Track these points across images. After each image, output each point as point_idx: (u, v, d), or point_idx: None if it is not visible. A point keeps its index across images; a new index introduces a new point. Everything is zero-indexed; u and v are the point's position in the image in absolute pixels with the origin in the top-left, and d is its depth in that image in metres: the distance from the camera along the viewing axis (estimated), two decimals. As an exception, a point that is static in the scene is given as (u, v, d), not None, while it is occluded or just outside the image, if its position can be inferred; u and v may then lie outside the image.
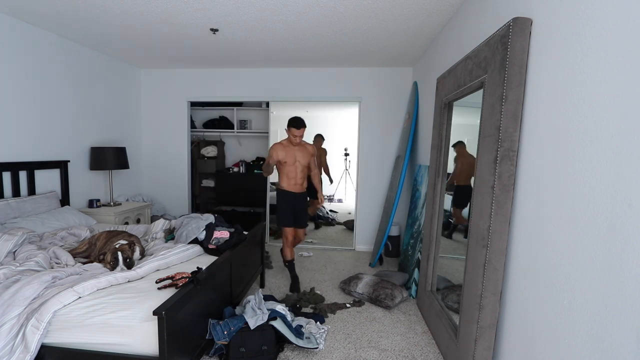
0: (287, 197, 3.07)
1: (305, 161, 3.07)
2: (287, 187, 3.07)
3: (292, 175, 3.05)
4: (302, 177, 3.09)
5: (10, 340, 1.55)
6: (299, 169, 3.05)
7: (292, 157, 3.01)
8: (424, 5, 2.40)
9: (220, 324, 1.95)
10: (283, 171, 3.06)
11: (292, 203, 3.07)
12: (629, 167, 0.93)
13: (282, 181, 3.09)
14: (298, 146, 3.03)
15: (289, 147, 3.02)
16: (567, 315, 1.17)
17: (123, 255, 2.03)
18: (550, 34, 1.32)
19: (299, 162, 3.04)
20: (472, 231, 1.73)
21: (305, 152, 3.08)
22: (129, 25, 2.89)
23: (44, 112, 3.06)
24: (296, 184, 3.06)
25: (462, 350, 1.75)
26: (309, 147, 3.13)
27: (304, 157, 3.06)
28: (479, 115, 1.74)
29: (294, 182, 3.06)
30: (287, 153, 2.99)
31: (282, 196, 3.08)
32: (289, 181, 3.06)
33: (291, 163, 3.02)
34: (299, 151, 3.03)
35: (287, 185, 3.07)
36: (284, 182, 3.07)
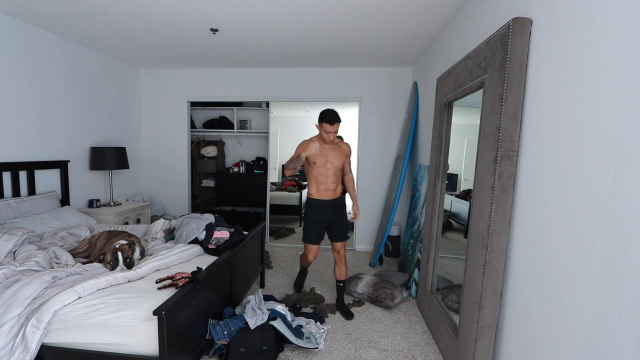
0: (315, 207, 2.58)
1: (339, 162, 2.57)
2: (317, 194, 2.57)
3: (322, 179, 2.55)
4: (334, 181, 2.58)
5: (10, 340, 1.55)
6: (331, 172, 2.56)
7: (323, 158, 2.53)
8: (424, 5, 2.40)
9: (220, 324, 1.95)
10: (312, 174, 2.57)
11: (322, 213, 2.57)
12: (629, 167, 0.93)
13: (311, 187, 2.60)
14: (330, 145, 2.55)
15: (321, 144, 2.54)
16: (567, 315, 1.17)
17: (123, 255, 2.03)
18: (550, 34, 1.32)
19: (331, 163, 2.55)
20: (472, 231, 1.73)
21: (339, 152, 2.58)
22: (129, 25, 2.89)
23: (44, 112, 3.06)
24: (327, 189, 2.57)
25: (462, 350, 1.75)
26: (343, 147, 2.63)
27: (337, 158, 2.56)
28: (479, 115, 1.74)
29: (325, 187, 2.56)
30: (318, 152, 2.53)
31: (310, 206, 2.60)
32: (318, 187, 2.56)
33: (322, 164, 2.53)
34: (332, 150, 2.54)
35: (317, 192, 2.57)
36: (313, 189, 2.58)
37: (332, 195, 2.59)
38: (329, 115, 2.40)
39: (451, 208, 2.61)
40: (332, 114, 2.41)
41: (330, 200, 2.58)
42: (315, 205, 2.59)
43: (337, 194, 2.61)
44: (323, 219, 2.58)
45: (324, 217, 2.58)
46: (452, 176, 2.56)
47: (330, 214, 2.58)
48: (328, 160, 2.54)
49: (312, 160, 2.51)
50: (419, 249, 2.91)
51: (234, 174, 5.25)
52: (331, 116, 2.40)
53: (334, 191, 2.60)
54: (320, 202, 2.58)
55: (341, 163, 2.58)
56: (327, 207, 2.57)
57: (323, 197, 2.57)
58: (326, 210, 2.57)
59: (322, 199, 2.57)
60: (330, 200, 2.58)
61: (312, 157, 2.52)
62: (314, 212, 2.59)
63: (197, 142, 5.24)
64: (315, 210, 2.59)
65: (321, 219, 2.58)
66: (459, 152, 2.48)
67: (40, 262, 2.00)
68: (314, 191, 2.58)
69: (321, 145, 2.54)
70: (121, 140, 4.10)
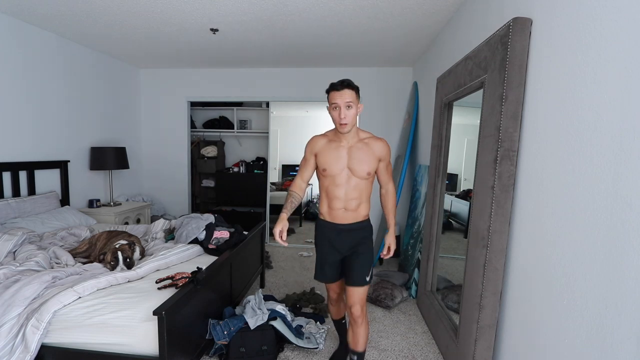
0: (325, 233, 1.78)
1: (366, 169, 1.68)
2: (328, 214, 1.76)
3: (337, 194, 1.70)
4: (356, 197, 1.71)
5: (10, 340, 1.55)
6: (352, 184, 1.69)
7: (337, 161, 1.69)
8: (424, 5, 2.40)
9: (220, 324, 1.95)
10: (323, 186, 1.77)
11: (336, 243, 1.76)
12: (629, 167, 0.93)
13: (322, 204, 1.80)
14: (351, 140, 1.69)
15: (335, 141, 1.71)
16: (567, 315, 1.17)
17: (123, 255, 2.03)
18: (551, 34, 1.32)
19: (352, 170, 1.67)
20: (472, 231, 1.73)
21: (367, 153, 1.69)
22: (129, 25, 2.89)
23: (44, 112, 3.06)
24: (345, 209, 1.71)
25: (462, 350, 1.75)
26: (374, 145, 1.70)
27: (362, 162, 1.68)
28: (479, 115, 1.74)
29: (341, 205, 1.71)
30: (330, 152, 1.70)
31: (318, 231, 1.83)
32: (330, 204, 1.73)
33: (336, 171, 1.69)
34: (355, 150, 1.68)
35: (328, 212, 1.76)
36: (324, 206, 1.78)
37: (352, 217, 1.73)
38: (336, 83, 1.62)
39: (451, 208, 2.61)
40: (341, 80, 1.62)
41: (347, 225, 1.73)
42: (324, 230, 1.78)
43: (359, 216, 1.74)
44: (336, 251, 1.77)
45: (338, 248, 1.76)
46: (452, 176, 2.57)
47: (347, 244, 1.75)
48: (347, 165, 1.68)
49: (320, 165, 1.72)
50: (419, 249, 2.91)
51: (234, 174, 5.25)
52: (339, 82, 1.61)
53: (355, 212, 1.72)
54: (332, 226, 1.75)
55: (369, 169, 1.68)
56: (342, 234, 1.74)
57: (337, 221, 1.73)
58: (342, 239, 1.74)
59: (336, 223, 1.74)
60: (347, 225, 1.73)
61: (320, 160, 1.72)
62: (322, 241, 1.79)
63: (197, 142, 5.25)
64: (324, 239, 1.78)
65: (334, 252, 1.77)
66: (459, 152, 2.48)
67: (40, 262, 2.00)
68: (324, 209, 1.77)
69: (334, 142, 1.71)
70: (121, 140, 4.10)
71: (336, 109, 1.61)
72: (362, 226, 1.77)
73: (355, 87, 1.63)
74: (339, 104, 1.59)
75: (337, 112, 1.61)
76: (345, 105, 1.59)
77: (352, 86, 1.62)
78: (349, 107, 1.60)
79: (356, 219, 1.75)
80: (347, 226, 1.74)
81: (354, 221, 1.75)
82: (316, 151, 1.75)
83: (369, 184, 1.74)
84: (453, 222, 2.60)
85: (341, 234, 1.75)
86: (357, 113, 1.64)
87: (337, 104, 1.60)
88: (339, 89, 1.60)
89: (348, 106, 1.59)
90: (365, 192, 1.74)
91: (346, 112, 1.59)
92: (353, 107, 1.61)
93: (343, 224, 1.74)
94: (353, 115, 1.62)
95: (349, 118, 1.61)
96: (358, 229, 1.76)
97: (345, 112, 1.59)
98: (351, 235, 1.75)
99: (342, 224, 1.74)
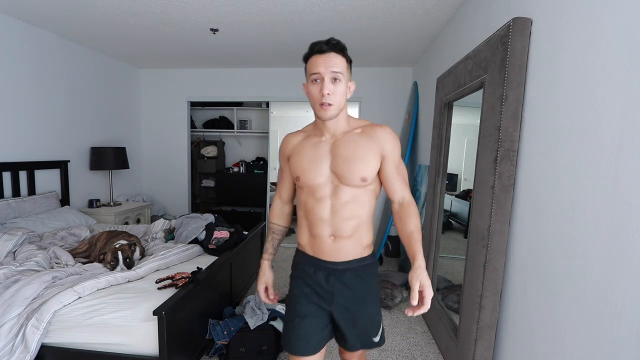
0: (307, 276, 1.19)
1: (359, 171, 1.09)
2: (310, 247, 1.19)
3: (319, 214, 1.13)
4: (350, 216, 1.12)
5: (10, 340, 1.55)
6: (342, 197, 1.11)
7: (316, 163, 1.13)
8: (424, 5, 2.40)
9: (220, 324, 1.95)
10: (300, 202, 1.21)
11: (319, 291, 1.17)
12: (629, 167, 0.93)
13: (300, 230, 1.22)
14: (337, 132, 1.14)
15: (313, 137, 1.18)
16: (567, 315, 1.17)
17: (123, 255, 2.03)
18: (551, 34, 1.32)
19: (341, 174, 1.11)
20: (472, 231, 1.73)
21: (362, 145, 1.11)
22: (129, 25, 2.89)
23: (44, 112, 3.06)
24: (334, 237, 1.13)
25: (462, 350, 1.75)
26: (374, 134, 1.13)
27: (354, 161, 1.09)
28: (479, 115, 1.74)
29: (328, 231, 1.13)
30: (304, 151, 1.17)
31: (298, 270, 1.24)
32: (311, 230, 1.16)
33: (315, 179, 1.13)
34: (344, 145, 1.12)
35: (310, 242, 1.19)
36: (303, 234, 1.20)
37: (348, 250, 1.13)
38: (319, 44, 1.10)
39: (451, 208, 2.61)
40: (327, 39, 1.11)
41: (340, 263, 1.14)
42: (304, 269, 1.19)
43: (358, 248, 1.15)
44: (322, 308, 1.17)
45: (326, 300, 1.16)
46: (452, 176, 2.56)
47: (342, 297, 1.15)
48: (330, 168, 1.11)
49: (293, 171, 1.18)
50: (419, 249, 2.90)
51: (234, 174, 5.25)
52: (324, 41, 1.10)
53: (351, 240, 1.13)
54: (316, 263, 1.16)
55: (366, 172, 1.09)
56: (332, 278, 1.14)
57: (324, 256, 1.14)
58: (332, 287, 1.14)
59: (320, 258, 1.15)
60: (340, 264, 1.14)
61: (293, 164, 1.18)
62: (300, 287, 1.20)
63: (197, 142, 5.25)
64: (303, 284, 1.19)
65: (318, 309, 1.17)
66: (459, 152, 2.48)
67: (40, 262, 2.00)
68: (304, 238, 1.19)
69: (312, 137, 1.17)
70: (121, 140, 4.10)
71: (317, 82, 1.06)
72: (365, 265, 1.15)
73: (346, 51, 1.09)
74: (321, 73, 1.04)
75: (318, 87, 1.05)
76: (331, 77, 1.04)
77: (343, 49, 1.08)
78: (336, 81, 1.05)
79: (355, 253, 1.13)
80: (341, 265, 1.13)
81: (352, 257, 1.13)
82: (289, 153, 1.20)
83: (369, 194, 1.13)
84: (453, 222, 2.60)
85: (331, 277, 1.13)
86: (348, 94, 1.10)
87: (319, 74, 1.05)
88: (324, 50, 1.06)
89: (335, 78, 1.05)
90: (365, 209, 1.12)
91: (331, 87, 1.04)
92: (342, 82, 1.06)
93: (333, 262, 1.13)
94: (341, 94, 1.06)
95: (336, 97, 1.05)
96: (358, 269, 1.14)
97: (331, 86, 1.04)
98: (347, 281, 1.13)
99: (332, 262, 1.13)
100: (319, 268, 1.16)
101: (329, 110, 1.07)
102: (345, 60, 1.10)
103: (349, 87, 1.12)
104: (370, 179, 1.12)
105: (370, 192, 1.15)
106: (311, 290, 1.18)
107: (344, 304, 1.16)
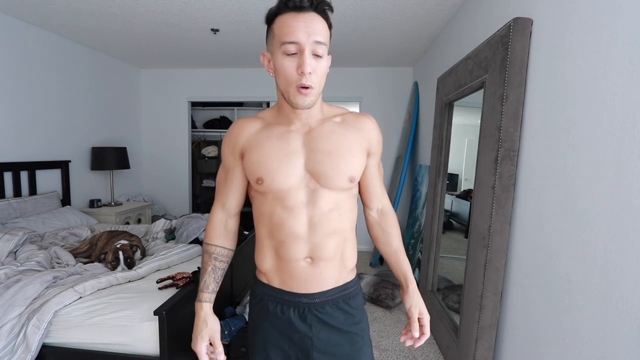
0: (272, 318, 0.88)
1: (344, 168, 0.83)
2: (277, 275, 0.88)
3: (291, 229, 0.82)
4: (332, 230, 0.84)
5: (11, 340, 1.55)
6: (322, 205, 0.82)
7: (286, 160, 0.82)
8: (424, 5, 2.40)
9: (220, 323, 1.94)
10: (260, 215, 0.90)
11: (292, 338, 0.87)
12: (629, 167, 0.93)
13: (260, 253, 0.91)
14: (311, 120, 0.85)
15: (277, 125, 0.87)
16: (567, 315, 1.17)
17: (124, 255, 2.03)
18: (551, 34, 1.32)
19: (320, 174, 0.82)
20: (472, 231, 1.73)
21: (345, 136, 0.86)
22: (129, 26, 2.90)
23: (45, 112, 3.07)
24: (312, 260, 0.84)
25: (462, 350, 1.75)
26: (357, 124, 0.89)
27: (337, 157, 0.83)
28: (480, 115, 1.74)
29: (303, 253, 0.83)
30: (268, 144, 0.84)
31: (258, 311, 0.92)
32: (279, 251, 0.85)
33: (285, 181, 0.82)
34: (321, 136, 0.84)
35: (276, 268, 0.87)
36: (265, 258, 0.89)
37: (328, 276, 0.86)
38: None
39: (452, 208, 2.61)
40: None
41: (317, 295, 0.86)
42: (267, 309, 0.90)
43: (342, 272, 0.89)
44: (295, 351, 0.88)
45: (298, 343, 0.87)
46: (453, 176, 2.56)
47: (319, 337, 0.86)
48: (304, 166, 0.83)
49: (252, 172, 0.86)
50: (420, 249, 2.91)
51: (234, 174, 5.25)
52: None
53: (331, 262, 0.86)
54: (282, 298, 0.88)
55: (353, 170, 0.85)
56: (307, 314, 0.86)
57: (293, 287, 0.86)
58: (306, 325, 0.86)
59: (290, 291, 0.87)
60: (318, 296, 0.86)
61: (251, 161, 0.86)
62: (263, 326, 0.91)
63: (198, 142, 5.25)
64: (265, 321, 0.90)
65: (287, 351, 0.88)
66: (460, 152, 2.48)
67: (41, 262, 2.01)
68: (266, 264, 0.90)
69: (276, 126, 0.87)
70: (122, 141, 4.11)
71: (289, 55, 0.76)
72: (349, 294, 0.90)
73: (332, 12, 0.79)
74: (301, 43, 0.74)
75: (295, 62, 0.75)
76: (311, 49, 0.75)
77: (326, 11, 0.78)
78: (318, 57, 0.77)
79: (335, 280, 0.87)
80: (318, 297, 0.86)
81: (333, 285, 0.87)
82: (243, 146, 0.88)
83: (352, 200, 0.89)
84: (454, 222, 2.60)
85: (307, 315, 0.86)
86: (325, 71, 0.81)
87: (297, 43, 0.74)
88: (304, 6, 0.74)
89: (315, 54, 0.76)
90: (349, 219, 0.88)
91: (314, 64, 0.76)
92: (324, 58, 0.78)
93: (308, 294, 0.86)
94: (323, 74, 0.80)
95: (318, 77, 0.78)
96: (339, 299, 0.88)
97: (313, 62, 0.75)
98: (328, 319, 0.86)
99: (307, 294, 0.86)
100: (289, 305, 0.86)
101: (309, 95, 0.77)
102: (328, 26, 0.79)
103: None
104: (358, 179, 0.89)
105: (353, 196, 0.90)
106: (279, 335, 0.87)
107: (327, 350, 0.85)
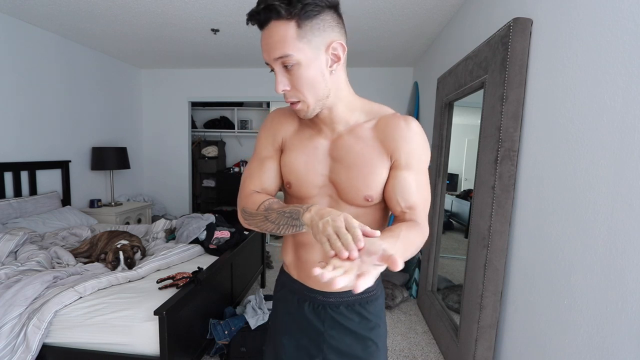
0: (290, 306, 0.91)
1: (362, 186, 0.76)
2: (293, 267, 0.90)
3: (308, 235, 0.81)
4: None
5: (11, 340, 1.55)
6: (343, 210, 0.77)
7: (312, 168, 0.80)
8: (424, 5, 2.40)
9: (221, 323, 1.95)
10: None
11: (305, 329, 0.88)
12: (629, 167, 0.93)
13: (285, 246, 0.91)
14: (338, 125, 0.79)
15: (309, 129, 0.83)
16: (567, 315, 1.17)
17: (124, 255, 2.03)
18: (551, 34, 1.32)
19: (341, 187, 0.78)
20: (472, 231, 1.73)
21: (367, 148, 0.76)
22: (130, 26, 2.90)
23: (45, 113, 3.07)
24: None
25: (462, 350, 1.75)
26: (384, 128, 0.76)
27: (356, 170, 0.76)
28: (480, 115, 1.74)
29: (319, 257, 0.82)
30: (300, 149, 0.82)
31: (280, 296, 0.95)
32: (296, 252, 0.88)
33: (308, 189, 0.81)
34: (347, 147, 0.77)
35: (293, 261, 0.90)
36: (288, 252, 0.91)
37: None
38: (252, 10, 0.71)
39: (452, 208, 2.61)
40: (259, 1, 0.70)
41: (332, 295, 0.86)
42: (285, 294, 0.94)
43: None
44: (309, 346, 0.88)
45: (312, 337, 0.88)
46: (453, 176, 2.57)
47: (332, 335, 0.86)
48: (328, 176, 0.80)
49: (285, 173, 0.85)
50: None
51: (234, 174, 5.25)
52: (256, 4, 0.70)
53: None
54: (298, 289, 0.90)
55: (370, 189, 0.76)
56: (322, 313, 0.87)
57: (308, 282, 0.87)
58: (320, 320, 0.87)
59: (305, 285, 0.88)
60: (332, 296, 0.86)
61: (286, 162, 0.84)
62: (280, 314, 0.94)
63: (198, 142, 5.25)
64: (283, 310, 0.93)
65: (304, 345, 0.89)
66: (460, 152, 2.49)
67: (41, 262, 2.01)
68: (288, 257, 0.91)
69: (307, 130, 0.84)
70: (122, 141, 4.11)
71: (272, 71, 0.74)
72: (367, 298, 0.87)
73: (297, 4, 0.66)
74: (269, 62, 0.74)
75: None
76: (280, 65, 0.72)
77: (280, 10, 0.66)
78: (292, 67, 0.70)
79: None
80: (333, 297, 0.86)
81: (343, 291, 0.84)
82: (282, 142, 0.85)
83: (379, 213, 0.83)
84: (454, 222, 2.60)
85: (321, 311, 0.87)
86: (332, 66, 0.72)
87: (267, 63, 0.75)
88: (260, 20, 0.71)
89: (285, 64, 0.71)
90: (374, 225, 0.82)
91: (285, 80, 0.73)
92: (302, 64, 0.70)
93: (323, 292, 0.86)
94: (310, 81, 0.71)
95: (302, 88, 0.72)
96: (356, 303, 0.86)
97: (284, 79, 0.73)
98: (343, 320, 0.86)
99: (322, 292, 0.86)
100: (305, 298, 0.87)
101: (300, 109, 0.75)
102: (296, 24, 0.67)
103: (332, 54, 0.71)
104: (377, 198, 0.78)
105: (377, 211, 0.82)
106: (295, 325, 0.89)
107: (339, 348, 0.84)
